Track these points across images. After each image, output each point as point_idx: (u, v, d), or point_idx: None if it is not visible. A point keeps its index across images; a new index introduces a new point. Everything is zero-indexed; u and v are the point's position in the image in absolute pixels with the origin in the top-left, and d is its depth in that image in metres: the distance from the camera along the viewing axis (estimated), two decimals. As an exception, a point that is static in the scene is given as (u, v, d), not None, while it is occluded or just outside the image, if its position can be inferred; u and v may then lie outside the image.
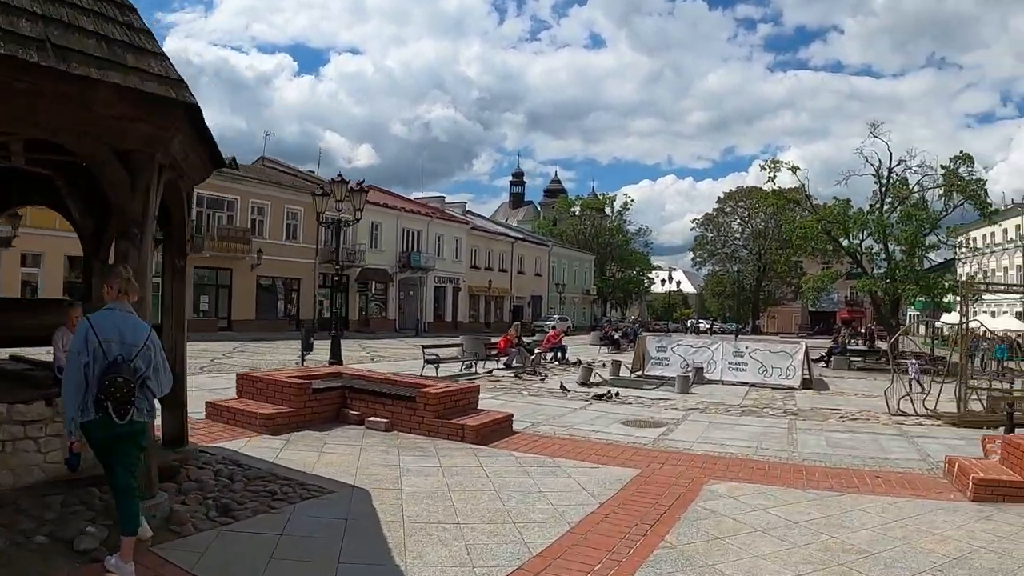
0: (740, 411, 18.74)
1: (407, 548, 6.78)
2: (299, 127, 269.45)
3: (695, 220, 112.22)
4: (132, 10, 7.04)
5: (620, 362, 28.23)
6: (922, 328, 59.75)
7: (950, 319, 40.26)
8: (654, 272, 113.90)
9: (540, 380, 24.12)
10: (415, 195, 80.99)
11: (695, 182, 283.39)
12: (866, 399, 22.54)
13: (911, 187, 47.36)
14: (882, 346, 42.22)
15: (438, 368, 23.41)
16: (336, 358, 24.42)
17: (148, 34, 6.96)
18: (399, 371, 23.54)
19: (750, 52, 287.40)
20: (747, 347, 27.25)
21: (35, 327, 10.24)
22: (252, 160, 59.77)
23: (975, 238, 74.57)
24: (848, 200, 48.48)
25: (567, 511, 8.20)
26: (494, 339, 29.49)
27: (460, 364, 25.60)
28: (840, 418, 18.00)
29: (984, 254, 78.33)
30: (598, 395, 19.84)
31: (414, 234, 65.80)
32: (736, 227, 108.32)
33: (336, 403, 13.37)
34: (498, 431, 12.62)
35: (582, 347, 44.43)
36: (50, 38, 5.80)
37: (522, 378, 24.54)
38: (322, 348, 26.91)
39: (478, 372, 25.25)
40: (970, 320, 20.26)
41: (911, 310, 65.78)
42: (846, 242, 48.16)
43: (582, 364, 26.51)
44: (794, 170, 49.20)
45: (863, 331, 72.03)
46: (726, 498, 9.13)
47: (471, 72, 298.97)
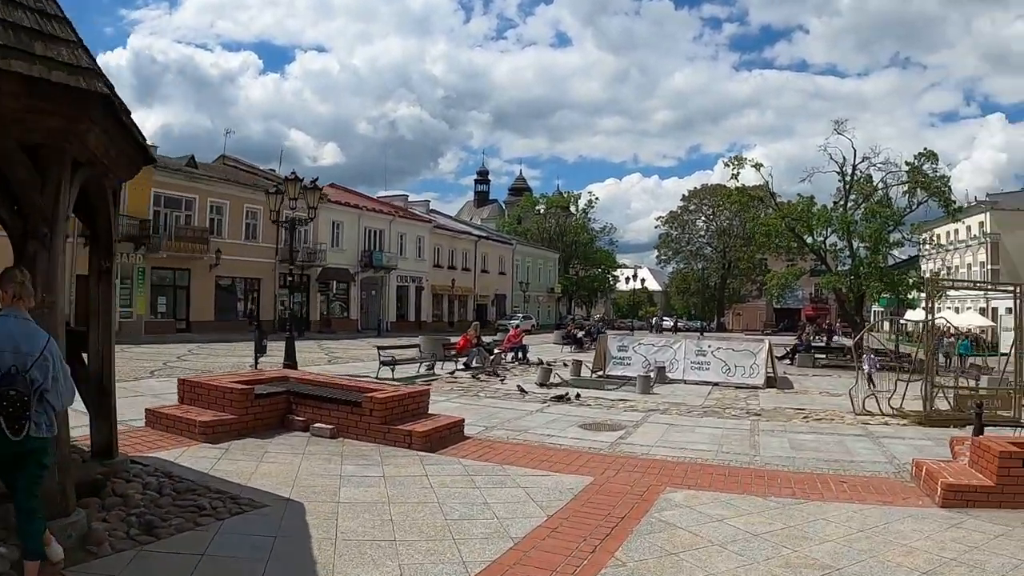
0: (702, 412, 18.34)
1: (335, 570, 6.27)
2: (264, 126, 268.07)
3: (660, 218, 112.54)
4: (49, -4, 6.51)
5: (581, 362, 27.78)
6: (886, 325, 59.56)
7: (915, 316, 40.18)
8: (619, 270, 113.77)
9: (500, 381, 23.58)
10: (380, 194, 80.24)
11: (661, 180, 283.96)
12: (831, 398, 22.28)
13: (875, 184, 47.40)
14: (846, 343, 42.10)
15: (394, 370, 22.88)
16: (290, 360, 23.78)
17: (63, 21, 6.44)
18: (355, 373, 23.19)
19: (716, 51, 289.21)
20: (710, 346, 26.92)
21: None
22: (213, 159, 58.98)
23: (939, 235, 74.76)
24: (812, 197, 48.59)
25: (512, 525, 7.69)
26: (455, 339, 28.96)
27: (418, 365, 25.02)
28: (804, 418, 17.65)
29: (948, 251, 78.63)
30: (557, 397, 19.36)
31: (376, 233, 65.14)
32: (701, 225, 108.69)
33: (281, 409, 12.74)
34: (448, 437, 12.09)
35: (545, 346, 44.04)
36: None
37: (481, 379, 23.99)
38: (280, 350, 26.32)
39: (437, 373, 24.73)
40: (935, 317, 19.87)
41: (875, 307, 65.86)
42: (810, 239, 48.14)
43: (542, 364, 26.08)
44: (758, 167, 49.09)
45: (826, 327, 72.09)
46: (683, 508, 8.65)
47: (437, 70, 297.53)
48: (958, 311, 52.96)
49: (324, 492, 8.68)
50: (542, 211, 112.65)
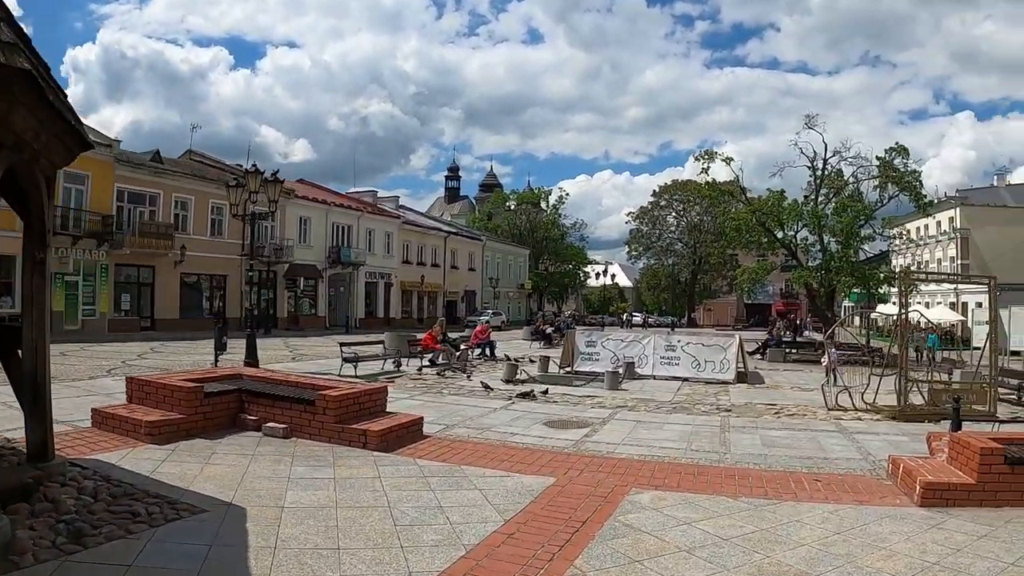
0: (671, 408, 17.93)
1: (270, 582, 5.74)
2: (235, 122, 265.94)
3: (630, 213, 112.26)
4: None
5: (549, 358, 27.45)
6: (857, 319, 59.60)
7: (886, 310, 40.03)
8: (590, 266, 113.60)
9: (466, 378, 23.07)
10: (350, 191, 79.43)
11: (632, 177, 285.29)
12: (802, 392, 21.94)
13: (846, 178, 47.26)
14: (816, 337, 41.95)
15: (356, 367, 22.39)
16: (252, 358, 23.23)
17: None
18: (319, 370, 22.87)
19: (687, 49, 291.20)
20: (679, 341, 26.61)
21: None
22: (180, 154, 58.16)
23: (909, 230, 74.92)
24: (783, 191, 48.35)
25: (466, 531, 7.19)
26: (421, 335, 28.41)
27: (382, 362, 24.49)
28: (776, 414, 17.28)
29: (918, 246, 78.85)
30: (522, 394, 18.89)
31: (344, 229, 64.38)
32: (671, 220, 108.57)
33: (232, 408, 12.16)
34: (405, 436, 11.55)
35: (514, 342, 43.65)
36: None
37: (447, 376, 23.50)
38: (243, 347, 25.74)
39: (402, 371, 24.21)
40: (908, 311, 19.52)
41: (846, 302, 65.89)
42: (780, 234, 47.94)
43: (508, 361, 25.63)
44: (728, 161, 48.91)
45: (798, 322, 72.15)
46: (649, 510, 8.16)
47: (408, 67, 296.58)
48: (928, 305, 52.96)
49: (269, 496, 8.16)
50: (513, 207, 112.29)
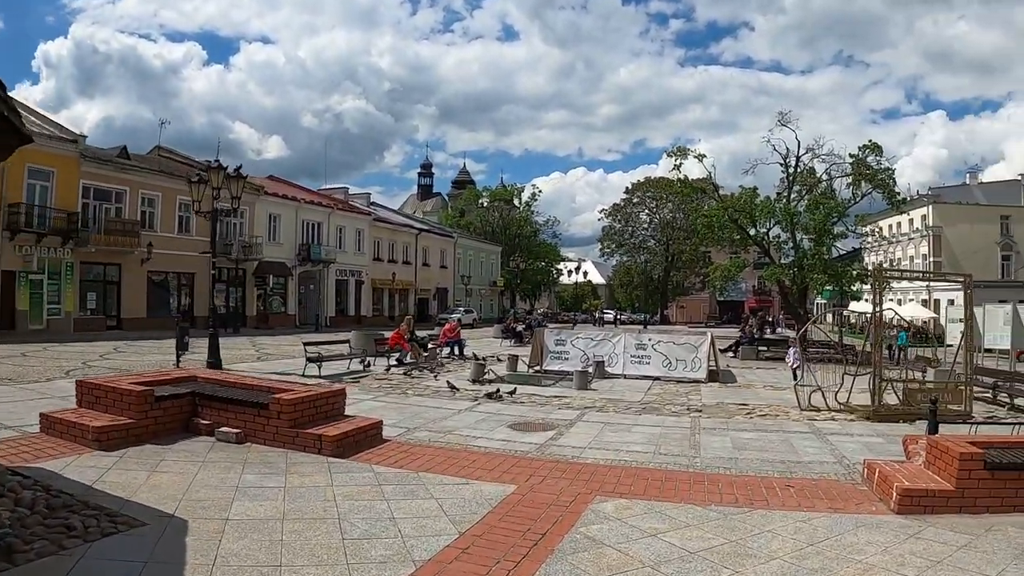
0: (640, 409, 17.48)
1: (203, 604, 5.32)
2: (208, 118, 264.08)
3: (603, 210, 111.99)
4: None
5: (517, 356, 26.98)
6: (830, 317, 59.60)
7: (859, 307, 39.91)
8: (563, 263, 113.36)
9: (434, 378, 22.61)
10: (322, 187, 78.71)
11: (605, 174, 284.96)
12: (775, 392, 21.69)
13: (819, 175, 47.10)
14: (789, 335, 41.75)
15: (321, 367, 21.87)
16: (214, 358, 22.78)
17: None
18: (283, 371, 22.49)
19: (661, 47, 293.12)
20: (650, 339, 26.21)
21: None
22: (149, 150, 57.35)
23: (882, 228, 75.19)
24: (755, 188, 48.11)
25: (417, 545, 6.76)
26: (389, 334, 27.92)
27: (347, 362, 23.97)
28: (747, 415, 16.89)
29: (891, 243, 79.19)
30: (489, 394, 18.44)
31: (314, 226, 63.71)
32: (644, 217, 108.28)
33: (185, 412, 11.66)
34: (363, 441, 11.11)
35: (485, 340, 43.25)
36: None
37: (414, 376, 23.00)
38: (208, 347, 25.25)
39: (369, 370, 23.68)
40: (882, 308, 19.22)
41: (819, 299, 65.95)
42: (753, 231, 47.72)
43: (475, 360, 25.21)
44: (700, 158, 48.55)
45: (770, 320, 72.13)
46: (613, 521, 7.74)
47: (383, 63, 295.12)
48: (901, 303, 53.04)
49: (214, 507, 7.71)
50: (485, 204, 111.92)
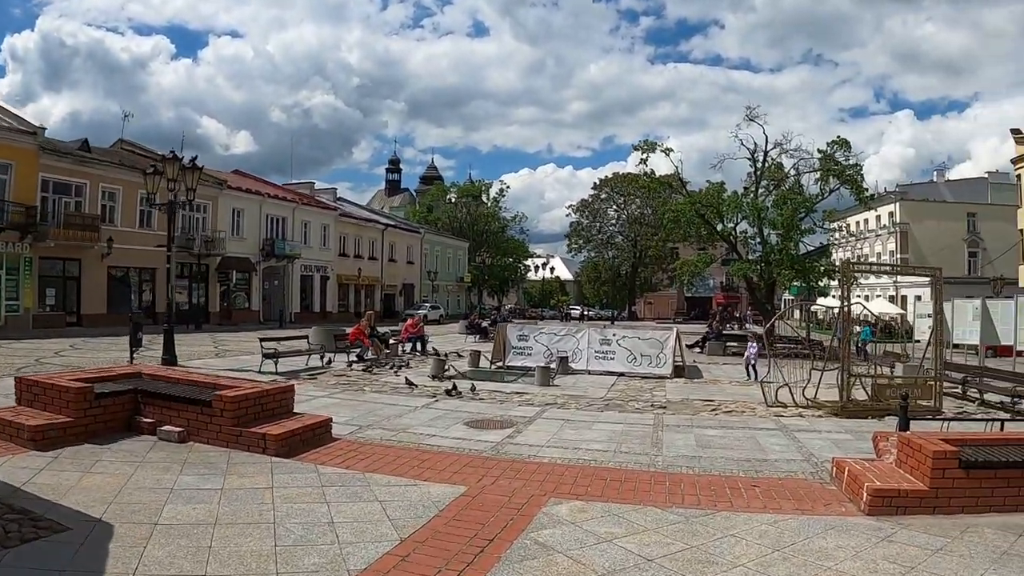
0: (603, 405, 17.07)
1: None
2: (175, 112, 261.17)
3: (570, 206, 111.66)
4: None
5: (480, 352, 26.63)
6: (797, 312, 59.59)
7: (827, 303, 39.79)
8: (531, 259, 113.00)
9: (394, 374, 22.14)
10: (288, 182, 77.90)
11: (575, 171, 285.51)
12: (741, 387, 21.40)
13: (787, 171, 47.05)
14: (757, 330, 41.58)
15: (277, 363, 21.36)
16: (169, 354, 22.39)
17: None
18: (239, 367, 22.12)
19: (632, 44, 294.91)
20: (615, 334, 25.90)
21: None
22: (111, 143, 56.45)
23: (849, 224, 75.50)
24: (722, 183, 48.18)
25: (354, 553, 6.29)
26: (350, 329, 27.40)
27: (306, 358, 23.44)
28: (713, 411, 16.52)
29: (859, 239, 79.51)
30: (448, 391, 17.97)
31: (279, 221, 62.90)
32: (612, 213, 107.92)
33: (127, 410, 11.11)
34: (311, 439, 10.63)
35: (450, 336, 42.84)
36: None
37: (375, 372, 22.52)
38: (178, 343, 24.68)
39: (329, 367, 23.13)
40: (851, 303, 18.94)
41: (786, 295, 65.97)
42: (720, 226, 47.65)
43: (435, 355, 24.77)
44: (667, 152, 48.43)
45: (738, 315, 72.18)
46: (566, 525, 7.29)
47: (352, 58, 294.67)
48: (868, 299, 53.16)
49: (145, 510, 7.22)
50: (453, 200, 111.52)
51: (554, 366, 22.90)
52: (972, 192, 75.32)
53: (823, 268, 46.63)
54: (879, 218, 76.24)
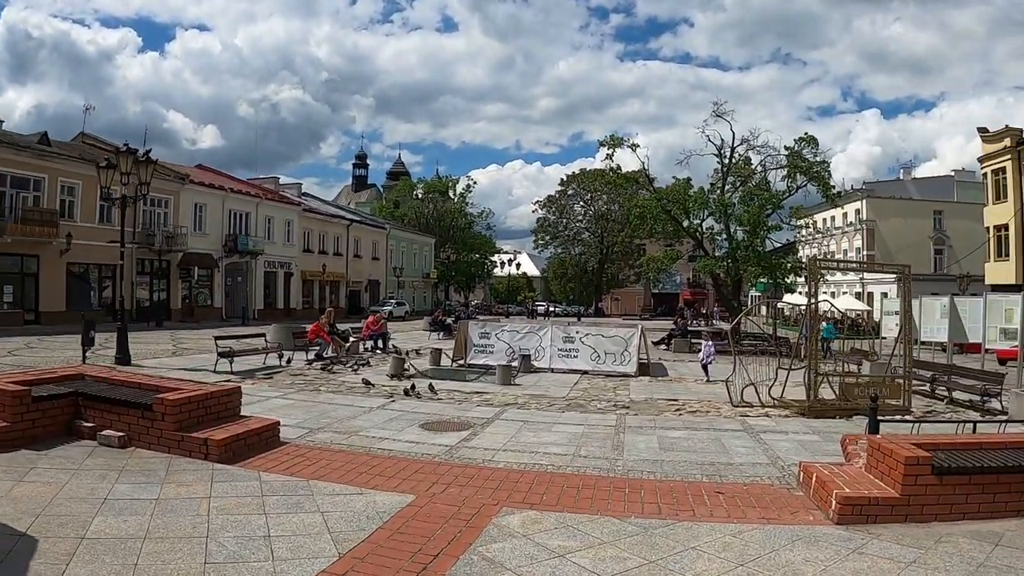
0: (564, 405, 16.77)
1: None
2: (142, 106, 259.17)
3: (537, 202, 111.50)
4: None
5: (440, 350, 26.23)
6: (764, 309, 59.60)
7: (794, 299, 39.70)
8: (498, 255, 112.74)
9: (353, 372, 21.74)
10: (252, 177, 77.01)
11: (543, 167, 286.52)
12: (706, 386, 21.20)
13: (753, 167, 47.00)
14: (724, 327, 41.46)
15: (232, 362, 20.83)
16: (122, 353, 21.95)
17: None
18: (195, 366, 21.75)
19: (601, 41, 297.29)
20: (578, 332, 25.65)
21: None
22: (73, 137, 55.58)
23: (816, 221, 75.82)
24: (689, 179, 48.05)
25: (287, 571, 5.88)
26: (310, 326, 26.91)
27: (263, 357, 22.96)
28: (677, 411, 16.24)
29: (825, 236, 79.88)
30: (406, 390, 17.54)
31: (242, 216, 62.10)
32: (579, 209, 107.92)
33: (67, 413, 10.59)
34: (257, 444, 10.15)
35: (414, 334, 42.41)
36: None
37: (335, 371, 22.08)
38: (136, 341, 24.15)
39: (287, 365, 22.67)
40: (818, 300, 18.69)
41: (753, 291, 66.00)
42: (686, 222, 47.49)
43: (395, 354, 24.35)
44: (634, 148, 48.22)
45: (704, 312, 72.26)
46: (517, 538, 6.88)
47: (321, 53, 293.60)
48: (835, 295, 53.21)
49: (74, 523, 6.77)
50: (420, 195, 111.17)
51: (516, 364, 22.66)
52: (938, 190, 75.93)
53: (790, 265, 46.56)
54: (846, 215, 76.67)
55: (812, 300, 18.06)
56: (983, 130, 50.82)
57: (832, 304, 26.05)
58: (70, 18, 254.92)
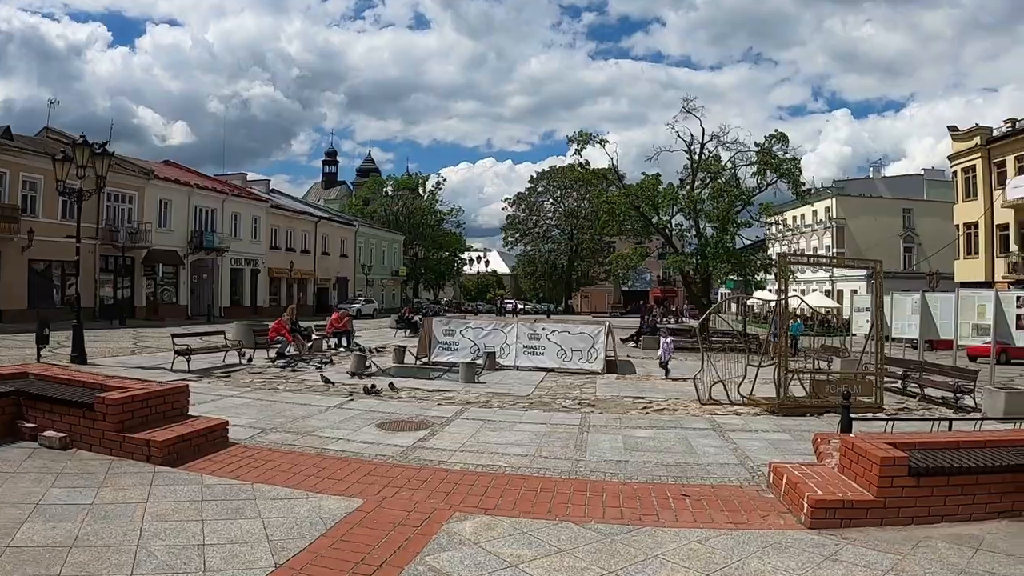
0: (528, 403, 16.44)
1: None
2: (111, 102, 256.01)
3: (507, 199, 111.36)
4: None
5: (405, 348, 25.81)
6: (733, 306, 59.55)
7: (764, 296, 39.61)
8: (467, 253, 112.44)
9: (316, 370, 21.19)
10: (219, 173, 76.26)
11: (514, 165, 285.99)
12: (675, 383, 20.88)
13: (723, 163, 46.88)
14: (693, 324, 41.27)
15: (189, 360, 20.28)
16: (78, 352, 21.55)
17: None
18: (153, 365, 21.29)
19: (573, 39, 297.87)
20: (544, 329, 25.33)
21: None
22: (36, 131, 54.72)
23: (786, 219, 76.00)
24: (658, 175, 47.86)
25: (217, 585, 5.39)
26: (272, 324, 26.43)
27: (223, 355, 22.48)
28: (643, 409, 15.90)
29: (795, 234, 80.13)
30: (367, 389, 17.11)
31: (208, 212, 61.21)
32: (548, 207, 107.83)
33: (9, 413, 10.06)
34: (204, 445, 9.65)
35: (381, 331, 42.00)
36: None
37: (297, 369, 21.72)
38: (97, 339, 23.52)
39: (247, 363, 22.24)
40: (788, 296, 18.41)
41: (723, 289, 66.00)
42: (656, 219, 47.28)
43: (356, 351, 23.91)
44: (602, 144, 47.98)
45: (674, 309, 72.17)
46: (468, 546, 6.44)
47: (292, 49, 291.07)
48: (804, 292, 53.18)
49: (1, 529, 6.32)
50: (390, 192, 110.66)
51: (480, 362, 22.37)
52: (908, 188, 76.40)
53: (759, 262, 46.49)
54: (815, 213, 76.85)
55: (782, 296, 17.75)
56: (953, 129, 50.94)
57: (803, 300, 25.85)
58: (39, 12, 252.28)
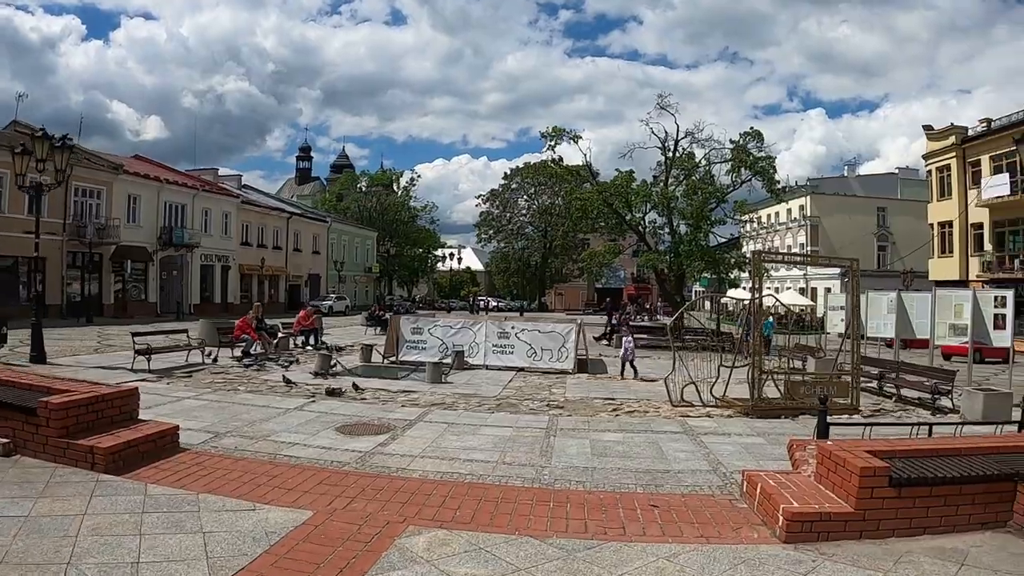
0: (495, 405, 16.03)
1: None
2: (85, 96, 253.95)
3: (480, 196, 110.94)
4: None
5: (372, 347, 25.43)
6: (707, 304, 59.44)
7: (738, 295, 39.40)
8: (441, 250, 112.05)
9: (284, 370, 20.73)
10: (191, 168, 75.39)
11: (490, 162, 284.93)
12: (646, 384, 20.48)
13: (698, 160, 46.68)
14: (667, 322, 41.03)
15: (150, 359, 19.76)
16: (37, 351, 20.99)
17: None
18: (113, 364, 20.75)
19: (550, 37, 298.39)
20: (513, 327, 24.98)
21: None
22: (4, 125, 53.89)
23: (761, 217, 76.01)
24: (631, 172, 47.64)
25: (145, 608, 4.96)
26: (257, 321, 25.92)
27: (186, 354, 21.99)
28: (614, 411, 15.52)
29: (770, 232, 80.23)
30: (330, 390, 16.66)
31: (178, 208, 60.38)
32: (522, 204, 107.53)
33: (-49, 418, 9.62)
34: (152, 452, 9.15)
35: (352, 329, 41.49)
36: None
37: (264, 368, 21.31)
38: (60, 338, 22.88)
39: (207, 363, 21.71)
40: (763, 295, 18.08)
41: (696, 286, 65.88)
42: (629, 216, 47.01)
43: (320, 350, 23.46)
44: (575, 139, 47.70)
45: (648, 307, 72.07)
46: (420, 564, 6.01)
47: (268, 44, 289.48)
48: (779, 291, 53.14)
49: (-75, 546, 5.76)
50: (364, 188, 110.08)
51: (448, 361, 22.06)
52: (882, 187, 76.71)
53: (733, 260, 46.31)
54: (790, 211, 77.18)
55: (756, 294, 17.41)
56: (928, 128, 50.95)
57: (776, 299, 25.61)
58: (12, 4, 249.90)
